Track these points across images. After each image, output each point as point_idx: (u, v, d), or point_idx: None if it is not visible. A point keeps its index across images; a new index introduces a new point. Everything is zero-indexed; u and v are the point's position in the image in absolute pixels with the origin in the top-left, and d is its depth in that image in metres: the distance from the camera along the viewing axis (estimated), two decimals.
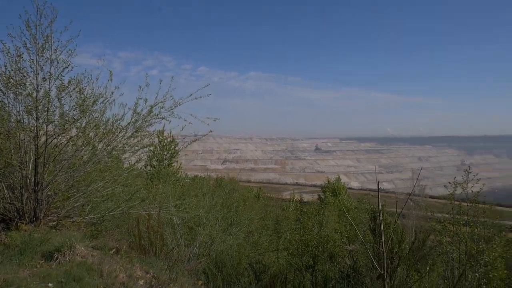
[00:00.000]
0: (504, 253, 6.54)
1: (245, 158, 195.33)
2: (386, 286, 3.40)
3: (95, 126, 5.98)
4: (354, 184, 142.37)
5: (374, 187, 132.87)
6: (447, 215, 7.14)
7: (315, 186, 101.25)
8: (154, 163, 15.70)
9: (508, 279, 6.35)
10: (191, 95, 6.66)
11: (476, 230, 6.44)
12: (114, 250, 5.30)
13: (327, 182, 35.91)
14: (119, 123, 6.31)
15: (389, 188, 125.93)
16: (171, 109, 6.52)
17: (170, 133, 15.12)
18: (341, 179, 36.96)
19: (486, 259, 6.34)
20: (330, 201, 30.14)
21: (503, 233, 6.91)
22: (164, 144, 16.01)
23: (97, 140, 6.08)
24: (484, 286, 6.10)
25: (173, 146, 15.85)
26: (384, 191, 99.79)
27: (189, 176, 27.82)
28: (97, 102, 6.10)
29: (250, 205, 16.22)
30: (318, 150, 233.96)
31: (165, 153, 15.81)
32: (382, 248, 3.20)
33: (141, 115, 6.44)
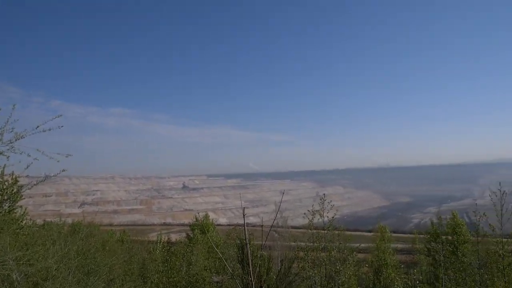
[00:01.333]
0: (356, 271, 7.29)
1: (107, 200, 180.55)
2: None
3: None
4: (223, 220, 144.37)
5: (242, 221, 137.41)
6: (310, 244, 7.66)
7: (183, 225, 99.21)
8: None
9: None
10: (38, 127, 5.80)
11: (332, 253, 7.06)
12: None
13: (195, 220, 35.47)
14: None
15: (256, 222, 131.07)
16: (11, 143, 5.55)
17: (12, 173, 12.94)
18: (209, 216, 36.92)
19: (343, 279, 6.94)
20: (199, 239, 29.70)
21: (354, 253, 7.71)
22: (4, 186, 13.52)
23: None
24: None
25: (15, 189, 13.48)
26: (251, 225, 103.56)
27: (37, 223, 24.17)
28: None
29: (111, 250, 14.82)
30: (185, 187, 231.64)
31: (5, 196, 13.35)
32: (250, 277, 3.14)
33: None
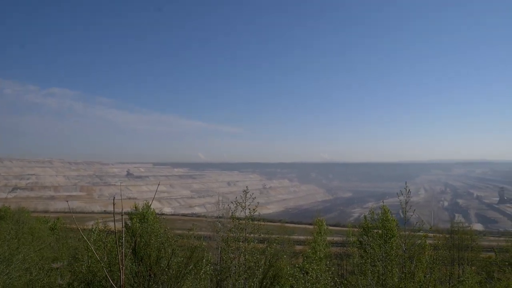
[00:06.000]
0: (274, 262, 7.58)
1: (43, 185, 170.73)
2: None
3: None
4: (167, 209, 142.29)
5: (187, 211, 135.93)
6: (232, 234, 7.79)
7: (126, 213, 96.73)
8: None
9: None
10: None
11: (252, 244, 7.25)
12: None
13: (134, 209, 34.64)
14: None
15: (201, 212, 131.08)
16: None
17: None
18: (150, 204, 36.23)
19: (261, 269, 7.16)
20: (137, 228, 29.12)
21: (274, 244, 7.99)
22: None
23: None
24: None
25: None
26: (196, 215, 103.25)
27: None
28: None
29: (38, 238, 14.20)
30: (130, 175, 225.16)
31: None
32: (121, 265, 3.15)
33: None
